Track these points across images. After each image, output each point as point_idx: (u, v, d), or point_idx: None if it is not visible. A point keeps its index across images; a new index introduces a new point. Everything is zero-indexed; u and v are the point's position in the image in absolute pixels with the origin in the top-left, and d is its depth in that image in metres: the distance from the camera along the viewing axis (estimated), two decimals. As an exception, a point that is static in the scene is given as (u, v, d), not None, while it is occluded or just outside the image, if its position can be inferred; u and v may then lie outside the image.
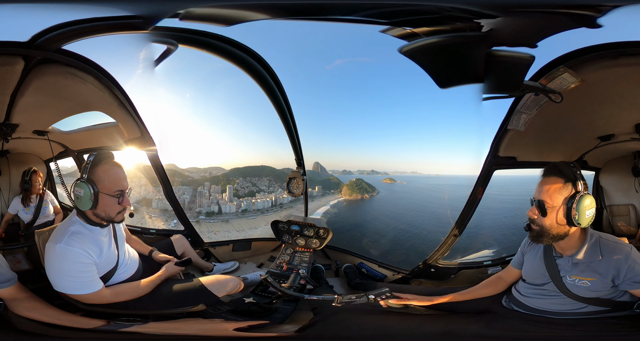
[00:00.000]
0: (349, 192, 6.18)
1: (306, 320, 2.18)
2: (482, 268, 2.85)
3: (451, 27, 1.83)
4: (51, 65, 2.16)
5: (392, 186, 6.18)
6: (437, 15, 1.83)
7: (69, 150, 3.04)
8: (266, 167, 5.70)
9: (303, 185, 3.29)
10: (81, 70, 2.22)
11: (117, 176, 1.96)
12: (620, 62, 1.96)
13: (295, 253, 3.05)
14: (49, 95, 2.37)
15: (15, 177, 3.07)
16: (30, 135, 2.72)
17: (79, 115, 2.73)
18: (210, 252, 3.46)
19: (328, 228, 3.09)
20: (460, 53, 1.87)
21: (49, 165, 3.24)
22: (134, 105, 2.65)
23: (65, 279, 1.91)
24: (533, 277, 1.95)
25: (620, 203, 2.84)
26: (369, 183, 6.20)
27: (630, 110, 2.28)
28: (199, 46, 2.43)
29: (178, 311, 2.15)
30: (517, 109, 2.37)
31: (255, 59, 2.67)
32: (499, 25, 1.82)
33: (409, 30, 1.89)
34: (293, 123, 3.20)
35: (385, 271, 3.15)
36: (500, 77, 1.90)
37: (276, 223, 3.25)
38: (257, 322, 2.16)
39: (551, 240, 1.81)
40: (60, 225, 2.01)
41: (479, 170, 2.70)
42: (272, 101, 3.02)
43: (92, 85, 2.33)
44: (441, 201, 5.22)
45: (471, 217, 2.83)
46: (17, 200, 3.05)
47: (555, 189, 1.75)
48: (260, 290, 2.57)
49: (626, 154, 2.69)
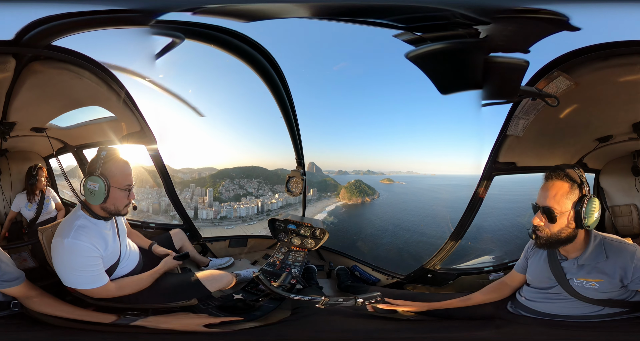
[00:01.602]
0: (347, 195, 5.84)
1: (280, 318, 2.22)
2: (483, 274, 2.84)
3: (452, 33, 1.85)
4: (44, 61, 2.18)
5: (391, 187, 5.97)
6: (445, 21, 1.84)
7: (68, 146, 3.09)
8: (257, 167, 5.37)
9: (302, 185, 3.31)
10: (76, 66, 2.24)
11: (127, 171, 2.05)
12: (611, 63, 1.98)
13: (290, 252, 3.08)
14: (45, 92, 2.40)
15: (16, 176, 3.12)
16: (29, 133, 2.75)
17: (76, 110, 2.76)
18: (207, 247, 3.52)
19: (324, 229, 3.12)
20: (460, 59, 1.88)
21: (48, 162, 3.28)
22: (133, 99, 2.66)
23: (75, 274, 1.95)
24: (538, 281, 1.93)
25: (621, 203, 2.83)
26: (368, 184, 5.91)
27: (626, 110, 2.27)
28: (203, 40, 2.43)
29: (172, 305, 2.20)
30: (516, 115, 2.38)
31: (262, 55, 2.65)
32: (492, 31, 1.83)
33: (413, 34, 1.91)
34: (295, 122, 3.19)
35: (379, 275, 3.17)
36: (497, 83, 1.91)
37: (273, 221, 3.28)
38: (231, 319, 2.19)
39: (561, 245, 1.78)
40: (65, 220, 2.05)
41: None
42: (276, 98, 3.01)
43: (88, 80, 2.34)
44: (445, 202, 5.09)
45: (471, 222, 2.83)
46: (20, 198, 3.11)
47: (563, 194, 1.72)
48: (251, 287, 2.61)
49: (625, 154, 2.68)
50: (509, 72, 1.87)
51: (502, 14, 1.79)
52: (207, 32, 2.37)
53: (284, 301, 2.40)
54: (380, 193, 5.93)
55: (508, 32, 1.81)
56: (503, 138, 2.53)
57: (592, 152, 2.61)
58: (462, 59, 1.85)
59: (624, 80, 2.05)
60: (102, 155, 1.99)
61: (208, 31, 2.37)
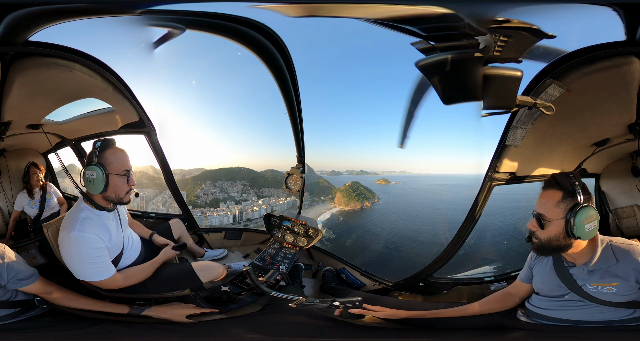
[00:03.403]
0: (344, 199, 5.20)
1: (246, 313, 2.33)
2: (483, 284, 2.82)
3: (460, 43, 1.85)
4: (28, 58, 2.16)
5: (388, 188, 5.64)
6: (456, 32, 1.84)
7: (65, 140, 3.13)
8: (243, 168, 4.86)
9: (301, 183, 3.31)
10: (64, 59, 2.21)
11: (123, 158, 2.09)
12: (598, 67, 1.97)
13: (282, 249, 3.13)
14: (36, 88, 2.37)
15: (16, 175, 3.18)
16: (25, 131, 2.78)
17: (72, 103, 2.75)
18: (203, 237, 3.60)
19: (318, 229, 3.15)
20: (466, 69, 1.88)
21: (47, 158, 3.35)
22: (130, 89, 2.65)
23: (85, 266, 2.00)
24: (548, 290, 1.92)
25: (624, 205, 2.78)
26: (366, 187, 5.42)
27: (620, 112, 2.25)
28: (204, 29, 2.35)
29: (169, 296, 2.29)
30: (514, 125, 2.38)
31: (275, 45, 2.50)
32: (488, 41, 1.83)
33: (428, 43, 1.92)
34: (300, 118, 3.11)
35: (366, 280, 3.19)
36: (495, 94, 1.90)
37: (269, 217, 3.33)
38: (208, 310, 2.28)
39: (553, 252, 1.81)
40: (68, 214, 2.08)
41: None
42: (282, 91, 2.90)
43: (80, 73, 2.32)
44: (451, 205, 4.71)
45: (469, 233, 2.82)
46: (21, 196, 3.18)
47: (553, 202, 1.73)
48: (239, 280, 2.67)
49: (623, 156, 2.64)
50: (506, 82, 1.86)
51: (495, 25, 1.79)
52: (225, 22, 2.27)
53: (263, 297, 2.46)
54: (379, 196, 5.55)
55: (502, 42, 1.81)
56: (502, 148, 2.53)
57: (591, 157, 2.58)
58: (467, 69, 1.84)
59: (613, 82, 2.03)
60: (96, 145, 2.03)
61: (226, 22, 2.26)
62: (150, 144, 3.09)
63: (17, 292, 2.04)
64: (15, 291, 2.04)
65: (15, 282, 1.93)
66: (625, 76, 1.97)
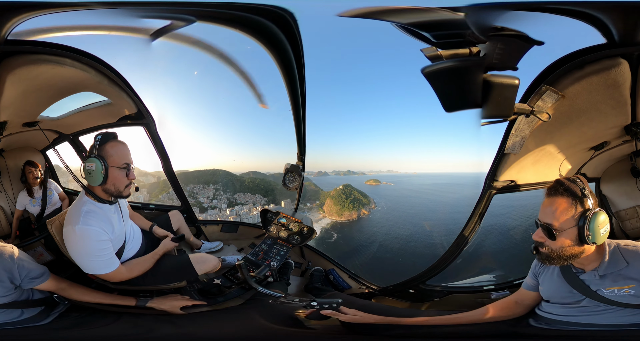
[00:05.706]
0: (336, 208, 4.35)
1: (226, 306, 2.37)
2: (482, 293, 2.80)
3: (463, 51, 1.81)
4: (15, 57, 2.09)
5: (381, 190, 5.30)
6: (461, 40, 1.81)
7: (63, 135, 3.15)
8: (218, 170, 4.16)
9: (300, 180, 3.29)
10: (52, 55, 2.14)
11: (124, 151, 2.11)
12: (588, 71, 1.94)
13: (275, 245, 3.15)
14: (28, 86, 2.33)
15: (16, 174, 3.23)
16: (21, 129, 2.78)
17: (67, 98, 2.71)
18: (201, 229, 3.67)
19: (313, 228, 3.16)
20: (468, 77, 1.83)
21: (46, 154, 3.39)
22: (127, 81, 2.60)
23: (92, 259, 2.03)
24: (559, 297, 1.87)
25: (626, 207, 2.77)
26: (360, 190, 4.76)
27: (615, 115, 2.22)
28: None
29: (167, 287, 2.35)
30: (512, 133, 2.34)
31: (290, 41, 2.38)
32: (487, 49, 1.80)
33: (437, 50, 1.88)
34: (304, 116, 2.99)
35: (353, 283, 3.22)
36: (493, 102, 1.86)
37: (265, 212, 3.35)
38: (198, 302, 2.33)
39: (565, 262, 1.73)
40: (71, 208, 2.11)
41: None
42: (287, 84, 2.77)
43: (72, 67, 2.26)
44: (454, 208, 4.49)
45: (467, 242, 2.81)
46: (22, 195, 3.25)
47: (563, 210, 1.64)
48: (231, 273, 2.71)
49: (622, 158, 2.62)
50: (504, 90, 1.81)
51: (493, 32, 1.77)
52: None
53: (249, 291, 2.50)
54: (374, 200, 4.99)
55: (499, 50, 1.78)
56: (501, 156, 2.50)
57: (590, 161, 2.55)
58: (469, 77, 1.80)
59: (605, 84, 1.98)
60: (97, 138, 2.05)
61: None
62: (149, 136, 3.08)
63: (34, 291, 2.08)
64: (31, 290, 2.07)
65: (29, 281, 1.96)
66: (616, 78, 1.94)
